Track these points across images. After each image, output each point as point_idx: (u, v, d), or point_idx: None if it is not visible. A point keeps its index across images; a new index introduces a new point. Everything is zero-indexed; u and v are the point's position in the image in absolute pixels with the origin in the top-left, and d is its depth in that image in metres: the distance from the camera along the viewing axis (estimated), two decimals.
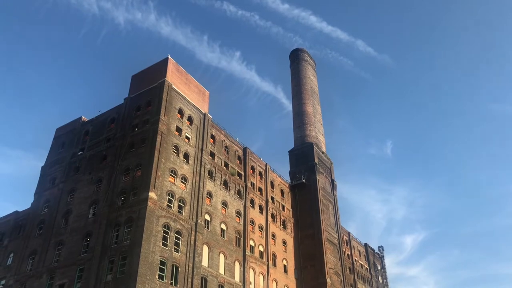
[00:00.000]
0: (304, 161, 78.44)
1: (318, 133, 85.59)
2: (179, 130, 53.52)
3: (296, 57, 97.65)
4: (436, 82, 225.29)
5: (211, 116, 59.90)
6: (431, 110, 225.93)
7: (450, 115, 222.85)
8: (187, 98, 56.70)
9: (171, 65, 56.38)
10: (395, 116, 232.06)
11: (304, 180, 74.94)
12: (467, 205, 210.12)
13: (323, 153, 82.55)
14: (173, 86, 54.67)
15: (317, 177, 75.60)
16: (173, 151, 51.26)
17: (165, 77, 54.26)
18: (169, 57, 56.51)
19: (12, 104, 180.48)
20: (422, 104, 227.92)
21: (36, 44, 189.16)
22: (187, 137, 54.49)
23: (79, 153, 57.83)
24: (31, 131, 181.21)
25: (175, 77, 56.27)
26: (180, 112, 54.93)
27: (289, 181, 76.65)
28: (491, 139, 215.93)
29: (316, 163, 77.06)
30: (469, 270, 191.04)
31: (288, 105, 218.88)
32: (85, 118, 62.19)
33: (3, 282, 53.36)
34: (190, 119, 56.17)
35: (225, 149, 61.90)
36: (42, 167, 60.86)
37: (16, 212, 61.16)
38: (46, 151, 62.21)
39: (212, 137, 59.87)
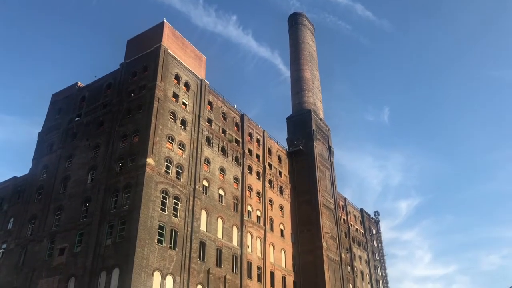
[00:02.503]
0: (301, 127, 78.46)
1: (316, 99, 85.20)
2: (176, 96, 53.15)
3: (294, 21, 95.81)
4: (435, 48, 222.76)
5: (208, 82, 59.38)
6: (429, 76, 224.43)
7: (448, 81, 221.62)
8: (183, 63, 56.00)
9: (167, 29, 55.36)
10: (393, 82, 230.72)
11: (301, 147, 75.23)
12: (463, 171, 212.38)
13: (320, 119, 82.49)
14: (169, 51, 53.87)
15: (315, 143, 75.86)
16: (170, 118, 51.09)
17: (161, 41, 53.39)
18: (165, 21, 55.42)
19: (6, 69, 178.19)
20: (420, 70, 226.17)
21: (29, 8, 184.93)
22: (184, 103, 54.18)
23: (76, 119, 57.62)
24: (27, 97, 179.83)
25: (171, 42, 55.35)
26: (177, 77, 54.40)
27: (287, 147, 76.93)
28: (489, 105, 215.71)
29: (313, 130, 77.14)
30: (463, 234, 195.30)
31: (285, 71, 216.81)
32: (81, 84, 61.56)
33: (4, 246, 54.32)
34: (187, 85, 55.68)
35: (222, 116, 61.72)
36: (39, 133, 60.75)
37: (15, 177, 61.54)
38: (43, 117, 62.05)
39: (209, 103, 59.54)
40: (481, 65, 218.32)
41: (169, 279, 43.40)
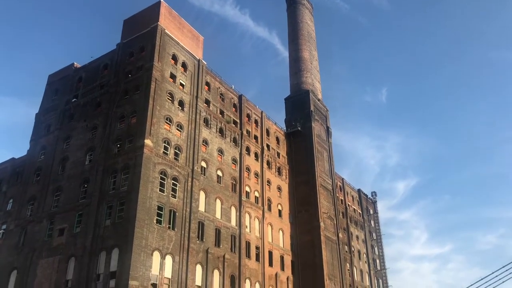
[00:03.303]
0: (300, 108, 78.27)
1: (314, 80, 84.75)
2: (173, 76, 52.77)
3: (293, 0, 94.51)
4: (434, 28, 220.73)
5: (205, 63, 58.89)
6: (428, 57, 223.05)
7: (447, 62, 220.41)
8: (180, 43, 55.42)
9: (164, 9, 54.60)
10: (391, 63, 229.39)
11: (299, 128, 75.19)
12: (460, 152, 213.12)
13: (319, 100, 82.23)
14: (166, 31, 53.24)
15: (313, 124, 75.79)
16: (168, 98, 50.83)
17: (158, 21, 52.71)
18: (161, 0, 54.60)
19: (2, 50, 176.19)
20: (419, 51, 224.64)
21: None
22: (181, 84, 53.84)
23: (73, 100, 57.28)
24: (23, 77, 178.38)
25: (168, 21, 54.66)
26: (174, 58, 53.91)
27: (285, 128, 76.88)
28: (488, 86, 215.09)
29: (312, 111, 76.97)
30: (460, 215, 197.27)
31: (283, 51, 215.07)
32: (77, 65, 60.97)
33: (4, 226, 54.66)
34: (184, 65, 55.23)
35: (220, 97, 61.42)
36: (36, 114, 60.45)
37: (13, 159, 61.54)
38: (39, 98, 61.64)
39: (207, 84, 59.18)
40: (482, 45, 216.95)
41: (168, 259, 43.86)
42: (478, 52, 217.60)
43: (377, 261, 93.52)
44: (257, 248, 58.66)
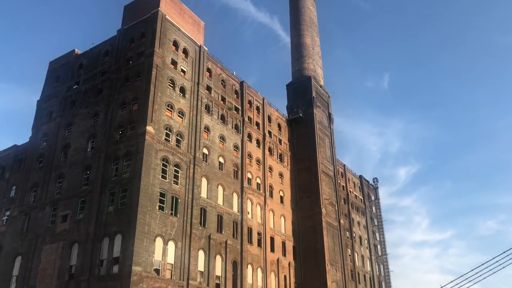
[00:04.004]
0: (301, 95, 78.01)
1: (316, 66, 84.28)
2: (174, 63, 52.51)
3: None
4: (437, 12, 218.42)
5: (206, 49, 58.53)
6: (430, 42, 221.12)
7: (450, 46, 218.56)
8: (181, 29, 55.01)
9: None
10: (393, 48, 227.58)
11: (301, 114, 75.05)
12: (462, 138, 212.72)
13: (321, 86, 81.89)
14: (167, 16, 52.80)
15: (315, 111, 75.62)
16: (169, 85, 50.67)
17: (158, 7, 52.23)
18: None
19: (3, 36, 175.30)
20: (421, 36, 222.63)
21: None
22: (182, 71, 53.61)
23: (74, 87, 57.15)
24: (24, 64, 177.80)
25: (168, 7, 54.19)
26: (175, 44, 53.58)
27: (286, 115, 76.72)
28: (491, 71, 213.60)
29: (313, 97, 76.72)
30: (461, 201, 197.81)
31: (285, 37, 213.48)
32: (78, 51, 60.70)
33: (8, 213, 55.08)
34: (185, 51, 54.91)
35: (221, 83, 61.20)
36: (38, 101, 60.41)
37: (15, 146, 61.72)
38: (40, 85, 61.54)
39: (208, 70, 58.91)
40: (485, 29, 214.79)
41: (171, 245, 44.22)
42: (481, 36, 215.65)
43: (378, 246, 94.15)
44: (259, 234, 59.05)
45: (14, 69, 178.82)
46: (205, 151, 53.70)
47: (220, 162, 55.96)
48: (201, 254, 48.01)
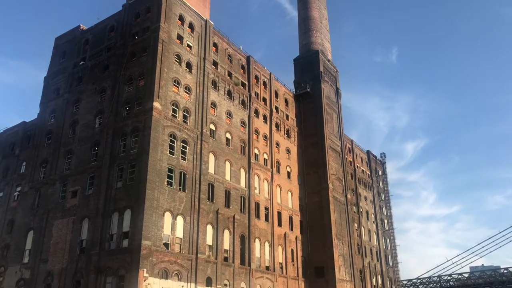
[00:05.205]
0: (309, 69, 77.22)
1: (324, 40, 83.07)
2: (180, 38, 52.00)
3: None
4: None
5: (212, 23, 57.79)
6: (439, 14, 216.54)
7: (457, 20, 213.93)
8: (187, 3, 54.21)
9: None
10: (402, 22, 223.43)
11: (308, 89, 74.49)
12: (470, 111, 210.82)
13: (328, 61, 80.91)
14: None
15: (322, 85, 74.98)
16: (175, 60, 50.33)
17: None
18: None
19: (7, 13, 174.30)
20: (429, 8, 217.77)
21: None
22: (189, 46, 53.12)
23: (80, 63, 56.99)
24: (30, 41, 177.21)
25: None
26: (181, 18, 52.93)
27: (294, 90, 76.18)
28: (499, 44, 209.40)
29: (321, 72, 75.94)
30: (469, 175, 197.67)
31: (291, 10, 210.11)
32: (84, 27, 60.26)
33: (19, 189, 56.01)
34: (191, 26, 54.27)
35: (228, 58, 60.65)
36: (45, 77, 60.46)
37: (24, 122, 62.20)
38: (46, 61, 61.48)
39: (215, 45, 58.31)
40: (492, 1, 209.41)
41: (179, 219, 44.83)
42: (489, 8, 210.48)
43: (385, 221, 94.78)
44: (266, 208, 59.59)
45: (21, 46, 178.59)
46: (212, 127, 53.73)
47: (227, 138, 56.04)
48: (209, 228, 48.68)
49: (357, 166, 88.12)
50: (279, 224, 61.44)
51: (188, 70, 51.77)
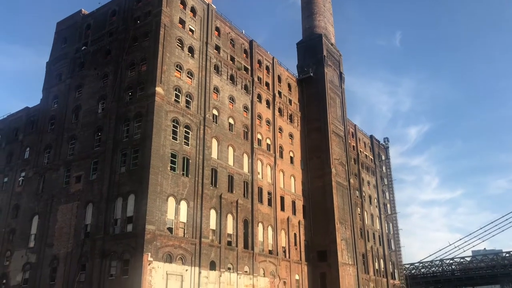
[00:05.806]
0: (312, 53, 76.61)
1: (327, 23, 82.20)
2: (182, 22, 51.56)
3: None
4: None
5: (215, 7, 57.24)
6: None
7: (461, 5, 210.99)
8: None
9: None
10: (406, 5, 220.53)
11: (312, 74, 74.02)
12: (474, 95, 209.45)
13: (332, 45, 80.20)
14: None
15: (325, 70, 74.47)
16: (178, 45, 50.00)
17: None
18: None
19: None
20: None
21: None
22: (191, 30, 52.71)
23: (82, 48, 56.71)
24: (31, 25, 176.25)
25: None
26: (183, 2, 52.41)
27: (297, 75, 75.72)
28: (503, 28, 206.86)
29: (324, 56, 75.34)
30: (472, 160, 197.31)
31: None
32: (85, 11, 59.80)
33: (23, 173, 56.38)
34: (193, 10, 53.76)
35: (230, 42, 60.19)
36: (47, 63, 60.25)
37: (27, 108, 62.29)
38: (48, 47, 61.17)
39: (217, 29, 57.83)
40: None
41: (183, 204, 45.10)
42: None
43: (388, 205, 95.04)
44: (269, 193, 59.80)
45: (22, 31, 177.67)
46: (215, 112, 53.63)
47: (230, 123, 55.97)
48: (212, 213, 48.97)
49: (360, 150, 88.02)
50: (282, 209, 61.73)
51: (190, 54, 51.46)
